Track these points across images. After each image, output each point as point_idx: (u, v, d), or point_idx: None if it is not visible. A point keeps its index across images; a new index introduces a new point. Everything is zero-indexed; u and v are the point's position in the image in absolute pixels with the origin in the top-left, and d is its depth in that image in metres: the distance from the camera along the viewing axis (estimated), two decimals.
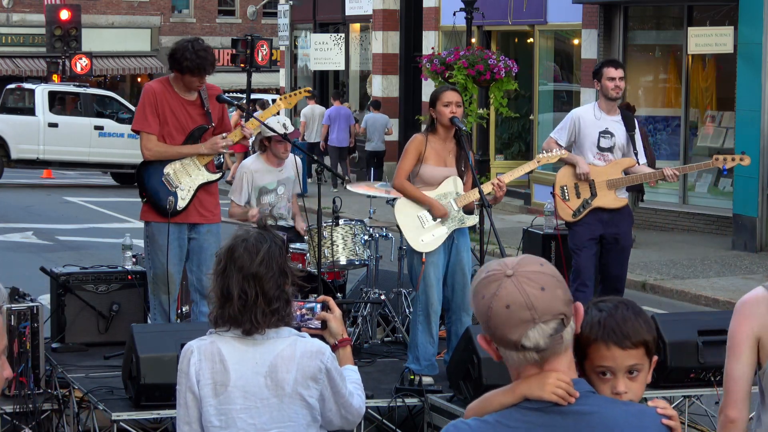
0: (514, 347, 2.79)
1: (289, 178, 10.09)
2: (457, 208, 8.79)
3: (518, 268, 2.80)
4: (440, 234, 8.75)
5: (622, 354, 3.01)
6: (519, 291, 2.76)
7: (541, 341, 2.77)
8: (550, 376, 2.81)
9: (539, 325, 2.76)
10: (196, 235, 8.92)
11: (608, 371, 3.02)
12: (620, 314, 3.04)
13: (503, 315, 2.77)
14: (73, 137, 28.94)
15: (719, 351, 8.07)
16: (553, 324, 2.78)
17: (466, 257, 8.81)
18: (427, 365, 8.66)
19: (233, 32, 47.05)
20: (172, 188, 8.85)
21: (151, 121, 8.77)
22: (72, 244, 18.74)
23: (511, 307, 2.76)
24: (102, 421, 7.77)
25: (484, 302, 2.80)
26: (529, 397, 2.83)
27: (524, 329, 2.76)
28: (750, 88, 17.94)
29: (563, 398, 2.81)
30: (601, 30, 21.16)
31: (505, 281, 2.78)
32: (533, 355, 2.79)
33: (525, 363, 2.82)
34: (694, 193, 20.38)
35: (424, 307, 8.69)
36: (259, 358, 4.24)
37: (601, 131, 10.03)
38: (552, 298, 2.78)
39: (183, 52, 8.68)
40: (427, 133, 8.83)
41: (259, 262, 4.21)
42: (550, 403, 2.81)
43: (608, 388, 3.02)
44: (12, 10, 48.77)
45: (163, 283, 8.78)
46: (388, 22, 28.15)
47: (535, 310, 2.76)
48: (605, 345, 3.01)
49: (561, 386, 2.81)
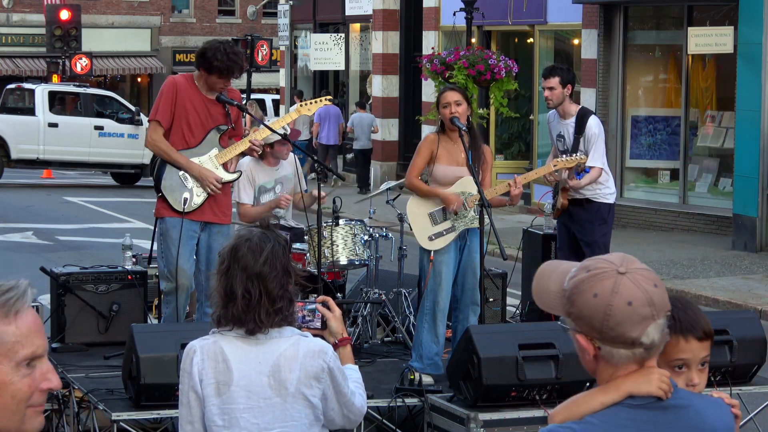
0: (630, 344, 2.79)
1: (286, 176, 10.07)
2: (469, 208, 8.80)
3: (628, 265, 2.81)
4: (449, 233, 8.76)
5: (698, 346, 3.20)
6: (638, 288, 2.78)
7: (657, 337, 2.80)
8: (654, 372, 2.84)
9: (656, 321, 2.79)
10: (205, 235, 8.93)
11: (684, 364, 3.18)
12: (692, 310, 3.24)
13: (626, 312, 2.76)
14: (73, 137, 28.94)
15: (719, 351, 8.12)
16: (664, 320, 2.82)
17: (477, 258, 8.81)
18: (429, 364, 8.67)
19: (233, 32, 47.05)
20: (189, 185, 8.87)
21: (161, 113, 8.79)
22: (72, 244, 18.74)
23: (634, 303, 2.76)
24: (102, 421, 7.77)
25: (600, 300, 2.77)
26: (634, 394, 2.83)
27: (645, 326, 2.77)
28: (750, 88, 17.94)
29: (667, 392, 2.85)
30: (601, 30, 21.15)
31: (621, 278, 2.78)
32: (642, 351, 2.80)
33: (630, 360, 2.82)
34: (694, 193, 20.38)
35: (432, 306, 8.70)
36: (262, 357, 4.24)
37: (557, 135, 10.38)
38: (664, 294, 2.82)
39: (214, 52, 8.73)
40: (439, 133, 8.88)
41: (263, 261, 4.22)
42: (652, 399, 2.83)
43: (683, 380, 3.15)
44: (12, 10, 48.77)
45: (175, 277, 8.79)
46: (388, 22, 28.14)
47: (654, 307, 2.78)
48: (684, 338, 3.18)
49: (665, 381, 2.85)
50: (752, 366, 8.30)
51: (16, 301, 2.52)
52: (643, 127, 20.69)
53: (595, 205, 10.28)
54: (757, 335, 8.31)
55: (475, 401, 7.67)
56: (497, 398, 7.65)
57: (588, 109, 10.80)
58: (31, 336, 2.52)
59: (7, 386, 2.50)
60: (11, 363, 2.50)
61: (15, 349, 2.50)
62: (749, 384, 8.36)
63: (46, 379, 2.54)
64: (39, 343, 2.54)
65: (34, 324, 2.54)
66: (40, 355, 2.53)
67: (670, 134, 20.77)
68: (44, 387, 2.54)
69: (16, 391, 2.50)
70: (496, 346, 7.69)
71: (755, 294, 14.48)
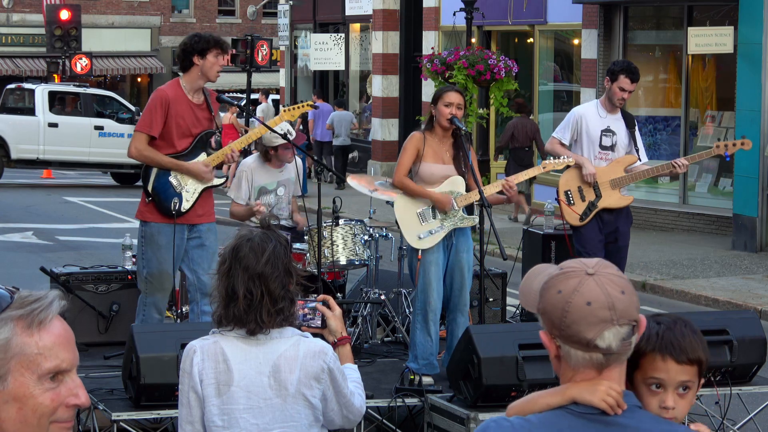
0: (585, 346, 2.78)
1: (289, 179, 10.07)
2: (458, 208, 8.80)
3: (599, 268, 2.80)
4: (438, 232, 8.75)
5: (676, 368, 3.03)
6: (601, 290, 2.76)
7: (613, 344, 2.76)
8: (603, 384, 2.80)
9: (616, 327, 2.76)
10: (196, 234, 8.89)
11: (660, 384, 3.03)
12: (679, 329, 3.08)
13: (583, 311, 2.76)
14: (73, 137, 28.94)
15: (719, 351, 8.13)
16: (627, 329, 2.78)
17: (466, 258, 8.81)
18: (425, 364, 8.66)
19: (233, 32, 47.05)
20: (178, 190, 8.84)
21: (155, 126, 8.74)
22: (72, 244, 18.74)
23: (593, 304, 2.76)
24: (102, 421, 7.77)
25: (561, 297, 2.78)
26: (578, 401, 2.82)
27: (601, 329, 2.76)
28: (750, 88, 17.94)
29: (612, 407, 2.79)
30: (601, 30, 21.16)
31: (586, 279, 2.78)
32: (600, 357, 2.78)
33: (587, 365, 2.81)
34: (694, 193, 20.38)
35: (422, 306, 8.70)
36: (262, 358, 4.24)
37: (603, 129, 10.05)
38: (629, 303, 2.78)
39: (195, 38, 8.82)
40: (425, 130, 8.84)
41: (265, 261, 4.21)
42: (597, 411, 2.80)
43: (657, 401, 3.02)
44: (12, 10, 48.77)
45: (159, 281, 8.76)
46: (388, 22, 28.14)
47: (614, 311, 2.75)
48: (661, 356, 3.03)
49: (612, 395, 2.79)
50: (752, 366, 8.30)
51: (40, 312, 2.46)
52: (643, 127, 20.68)
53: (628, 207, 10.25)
54: (757, 335, 8.31)
55: (475, 401, 7.67)
56: (497, 398, 7.65)
57: None
58: (56, 349, 2.45)
59: (28, 399, 2.44)
60: (33, 376, 2.44)
61: (37, 361, 2.44)
62: (749, 384, 8.36)
63: (73, 394, 2.47)
64: (64, 357, 2.46)
65: (61, 337, 2.47)
66: (65, 369, 2.47)
67: (670, 134, 20.78)
68: (71, 403, 2.47)
69: (37, 405, 2.44)
70: (496, 346, 7.69)
71: (755, 294, 14.47)
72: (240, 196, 9.94)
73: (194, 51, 8.76)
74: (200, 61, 8.75)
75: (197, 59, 8.75)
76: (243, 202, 9.95)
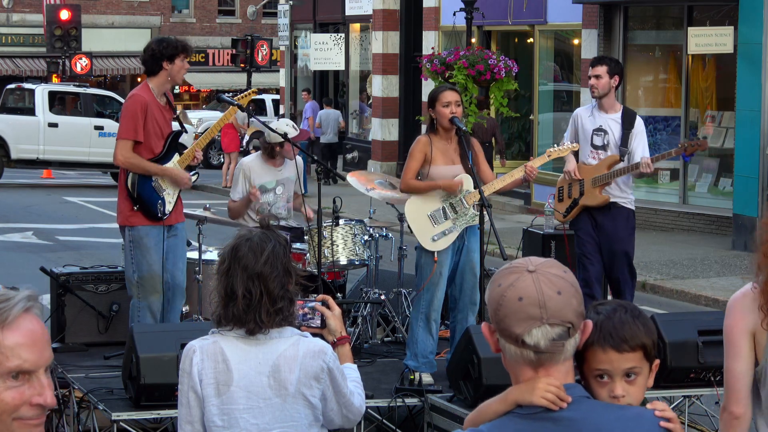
0: (515, 341, 2.80)
1: (288, 178, 10.06)
2: (468, 206, 8.79)
3: (541, 267, 2.82)
4: (451, 233, 8.75)
5: (618, 357, 3.00)
6: (535, 287, 2.78)
7: (542, 342, 2.77)
8: (540, 381, 2.81)
9: (545, 325, 2.77)
10: (173, 233, 9.02)
11: (605, 374, 3.01)
12: (618, 317, 3.04)
13: (514, 306, 2.79)
14: (73, 137, 28.93)
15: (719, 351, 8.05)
16: (559, 330, 2.78)
17: (476, 257, 8.79)
18: (424, 362, 8.66)
19: (233, 32, 47.07)
20: (161, 193, 8.91)
21: (140, 131, 8.81)
22: (72, 244, 18.74)
23: (524, 300, 2.78)
24: (102, 421, 7.77)
25: (499, 290, 2.81)
26: (520, 403, 2.83)
27: (530, 326, 2.77)
28: (750, 88, 17.94)
29: (553, 402, 2.79)
30: (601, 30, 21.16)
31: (525, 275, 2.80)
32: (530, 354, 2.79)
33: (521, 361, 2.82)
34: (694, 193, 20.38)
35: (428, 305, 8.69)
36: (261, 357, 4.24)
37: (595, 129, 10.10)
38: (564, 305, 2.79)
39: (161, 43, 8.93)
40: (429, 133, 8.84)
41: (264, 261, 4.22)
42: (542, 409, 2.80)
43: (606, 391, 3.01)
44: (12, 10, 48.77)
45: (151, 284, 8.78)
46: (388, 22, 28.14)
47: (545, 310, 2.77)
48: (602, 348, 3.00)
49: (551, 390, 2.79)
50: None
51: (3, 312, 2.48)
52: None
53: (624, 210, 10.09)
54: None
55: (475, 401, 7.66)
56: None
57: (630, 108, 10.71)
58: (18, 349, 2.47)
59: None
60: None
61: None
62: None
63: (38, 393, 2.49)
64: (27, 357, 2.48)
65: (26, 337, 2.49)
66: (27, 369, 2.49)
67: (670, 134, 20.77)
68: (35, 402, 2.50)
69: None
70: None
71: None
72: (236, 193, 9.93)
73: (163, 56, 8.86)
74: (169, 66, 8.87)
75: (166, 64, 8.86)
76: (238, 199, 9.93)
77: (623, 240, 10.11)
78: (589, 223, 10.11)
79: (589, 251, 10.09)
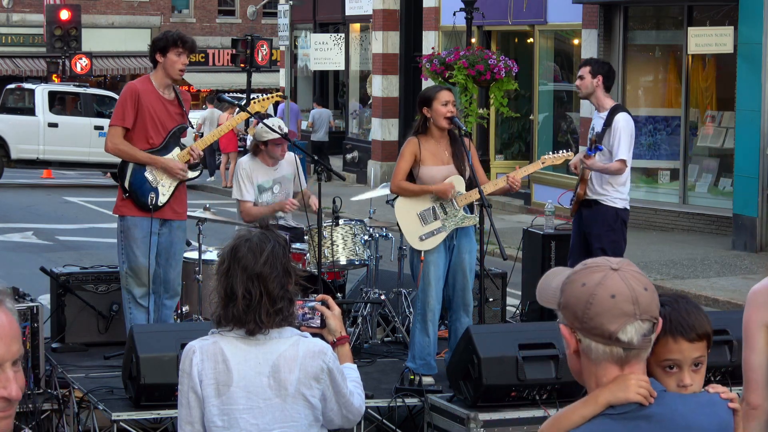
0: (607, 339, 2.80)
1: (285, 177, 10.04)
2: (458, 208, 8.79)
3: (624, 266, 2.85)
4: (439, 233, 8.75)
5: (689, 346, 3.10)
6: (626, 284, 2.80)
7: (635, 338, 2.79)
8: (630, 378, 2.82)
9: (638, 321, 2.79)
10: (166, 231, 9.00)
11: (675, 365, 3.08)
12: (683, 307, 3.14)
13: (607, 304, 2.79)
14: (73, 137, 28.93)
15: (719, 351, 8.12)
16: (648, 325, 2.81)
17: (468, 258, 8.80)
18: (422, 364, 8.66)
19: (233, 32, 47.06)
20: (154, 185, 8.91)
21: (128, 118, 8.85)
22: (72, 244, 18.74)
23: (617, 297, 2.79)
24: (102, 421, 7.77)
25: (585, 289, 2.81)
26: (613, 403, 2.82)
27: (624, 322, 2.78)
28: (750, 88, 17.94)
29: (646, 397, 2.82)
30: (601, 30, 21.15)
31: (611, 273, 2.82)
32: (620, 351, 2.80)
33: (608, 359, 2.82)
34: (694, 193, 20.37)
35: (422, 306, 8.70)
36: (261, 358, 4.24)
37: (591, 127, 10.34)
38: (652, 300, 2.83)
39: (162, 35, 9.00)
40: (419, 135, 8.81)
41: (264, 261, 4.22)
42: (633, 406, 2.81)
43: (674, 381, 3.06)
44: (12, 10, 48.77)
45: (137, 275, 8.81)
46: (388, 22, 28.13)
47: (638, 306, 2.79)
48: (672, 338, 3.08)
49: (643, 386, 2.82)
50: None
51: None
52: (643, 127, 20.68)
53: (603, 207, 10.04)
54: None
55: (475, 401, 7.67)
56: (497, 398, 7.65)
57: (622, 105, 10.73)
58: None
59: None
60: None
61: None
62: None
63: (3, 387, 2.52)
64: None
65: None
66: None
67: (670, 134, 20.77)
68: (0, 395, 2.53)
69: None
70: (496, 346, 7.69)
71: None
72: (247, 193, 9.87)
73: (156, 49, 8.95)
74: (162, 58, 8.92)
75: (159, 57, 8.92)
76: (253, 199, 9.88)
77: (599, 236, 10.06)
78: (577, 216, 10.22)
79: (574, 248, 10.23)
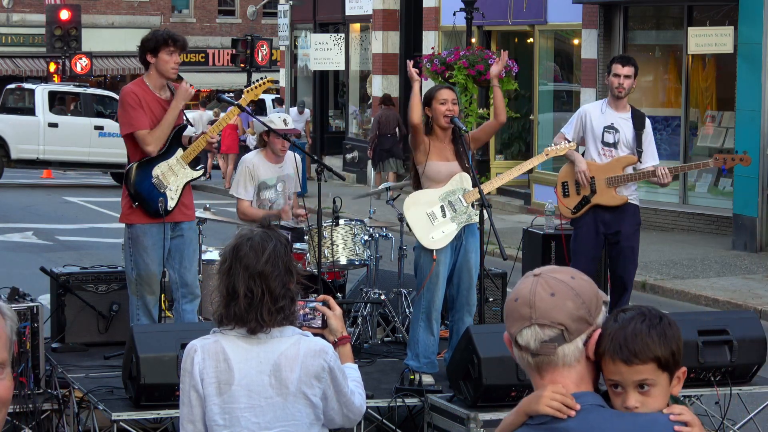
0: (513, 342, 2.84)
1: (288, 175, 10.04)
2: (466, 205, 8.79)
3: (547, 272, 2.84)
4: (450, 231, 8.75)
5: (627, 369, 2.87)
6: (530, 289, 2.80)
7: (531, 343, 2.78)
8: (546, 389, 2.79)
9: (534, 326, 2.77)
10: (179, 233, 8.90)
11: (618, 385, 2.91)
12: (632, 328, 2.88)
13: (510, 307, 2.84)
14: (73, 137, 28.94)
15: (719, 351, 8.13)
16: (550, 332, 2.77)
17: (474, 258, 8.79)
18: (426, 363, 8.66)
19: (233, 32, 47.07)
20: (162, 190, 8.83)
21: (141, 117, 8.72)
22: (72, 244, 18.74)
23: (518, 301, 2.81)
24: (102, 421, 7.77)
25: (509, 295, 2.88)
26: (529, 413, 2.82)
27: (520, 326, 2.79)
28: (750, 88, 17.94)
29: (559, 410, 2.76)
30: (601, 30, 21.16)
31: (528, 278, 2.85)
32: (528, 357, 2.81)
33: (525, 365, 2.85)
34: (694, 193, 20.38)
35: (428, 304, 8.69)
36: (263, 357, 4.24)
37: (606, 126, 9.98)
38: (556, 306, 2.77)
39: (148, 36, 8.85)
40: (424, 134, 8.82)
41: (265, 260, 4.22)
42: (550, 418, 2.78)
43: (619, 401, 2.91)
44: (12, 10, 48.77)
45: (147, 283, 8.75)
46: (388, 22, 28.14)
47: (534, 310, 2.77)
48: (611, 359, 2.89)
49: (556, 398, 2.76)
50: (752, 366, 8.30)
51: None
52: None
53: (632, 207, 10.05)
54: (757, 335, 8.31)
55: (475, 401, 7.67)
56: (497, 398, 7.65)
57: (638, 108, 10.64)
58: None
59: None
60: None
61: None
62: (749, 384, 8.36)
63: None
64: None
65: None
66: None
67: (670, 134, 20.77)
68: None
69: None
70: (496, 346, 7.68)
71: (755, 294, 14.47)
72: (245, 192, 9.83)
73: (146, 49, 8.80)
74: (153, 59, 8.77)
75: (150, 58, 8.77)
76: (250, 197, 9.85)
77: (629, 236, 10.07)
78: (591, 223, 10.00)
79: (584, 248, 10.03)
